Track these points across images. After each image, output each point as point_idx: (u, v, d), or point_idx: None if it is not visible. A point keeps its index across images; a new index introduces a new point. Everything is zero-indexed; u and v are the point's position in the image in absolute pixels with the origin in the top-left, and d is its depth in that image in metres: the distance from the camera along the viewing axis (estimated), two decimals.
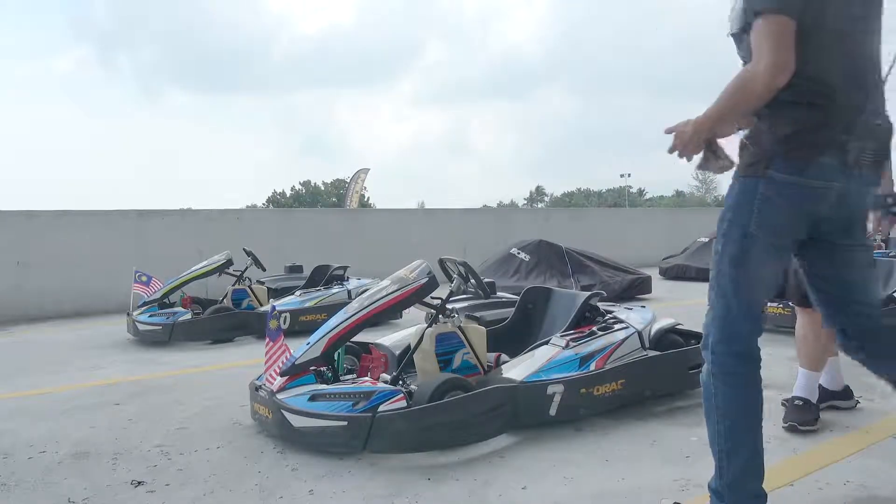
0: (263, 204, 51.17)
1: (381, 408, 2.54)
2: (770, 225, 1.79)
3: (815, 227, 1.86)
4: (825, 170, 1.76)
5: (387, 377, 2.94)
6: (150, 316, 5.34)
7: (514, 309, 3.69)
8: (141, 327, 5.28)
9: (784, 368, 3.97)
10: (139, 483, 2.40)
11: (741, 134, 1.90)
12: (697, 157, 1.84)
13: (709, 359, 1.87)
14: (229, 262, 5.95)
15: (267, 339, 2.92)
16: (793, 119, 1.75)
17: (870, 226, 2.30)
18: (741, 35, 1.83)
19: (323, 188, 53.38)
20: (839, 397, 3.05)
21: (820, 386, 2.96)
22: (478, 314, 3.55)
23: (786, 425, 2.81)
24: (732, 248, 1.83)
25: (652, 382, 3.18)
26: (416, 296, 2.99)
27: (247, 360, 4.48)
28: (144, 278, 5.58)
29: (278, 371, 2.85)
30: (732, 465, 1.84)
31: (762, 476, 1.87)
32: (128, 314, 5.49)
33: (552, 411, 2.84)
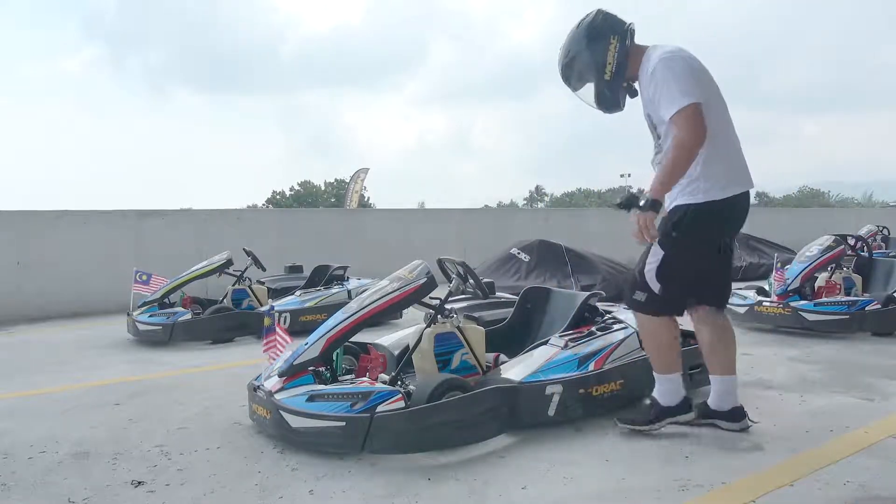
0: (263, 204, 51.05)
1: (379, 408, 2.54)
2: None
3: None
4: None
5: (385, 377, 2.94)
6: (150, 316, 5.33)
7: (512, 309, 3.69)
8: (141, 327, 5.28)
9: (784, 368, 3.98)
10: (139, 483, 2.40)
11: None
12: None
13: None
14: (229, 262, 5.94)
15: (264, 338, 2.94)
16: None
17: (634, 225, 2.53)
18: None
19: (323, 188, 53.26)
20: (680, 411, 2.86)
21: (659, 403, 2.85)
22: (476, 314, 3.54)
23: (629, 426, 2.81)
24: None
25: (651, 383, 3.17)
26: (414, 296, 2.99)
27: (247, 360, 4.48)
28: (144, 277, 5.58)
29: (280, 352, 2.86)
30: None
31: None
32: (128, 314, 5.48)
33: (551, 412, 2.84)
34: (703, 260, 2.73)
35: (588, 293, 3.43)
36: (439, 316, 3.03)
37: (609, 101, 2.79)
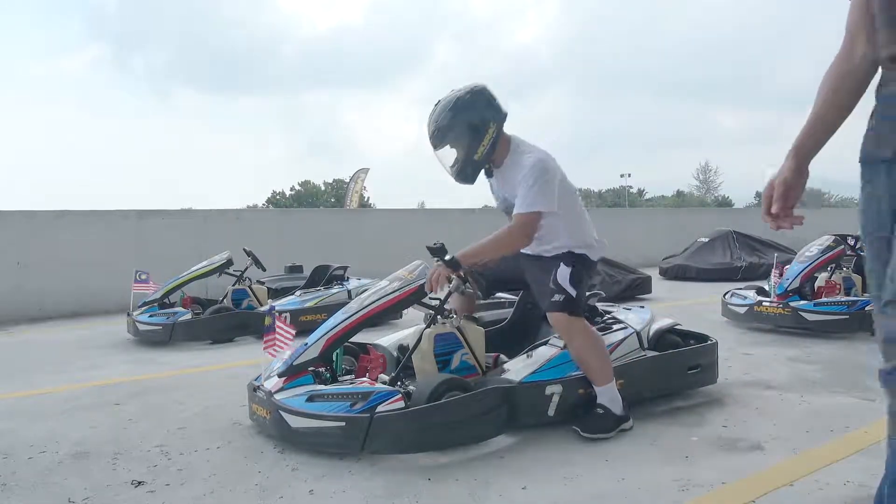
0: (263, 204, 51.12)
1: (379, 408, 2.54)
2: None
3: None
4: None
5: (385, 378, 2.94)
6: (150, 316, 5.34)
7: (512, 309, 3.69)
8: (141, 327, 5.28)
9: (784, 368, 3.98)
10: (139, 483, 2.40)
11: None
12: None
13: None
14: (229, 262, 5.94)
15: (264, 336, 2.94)
16: None
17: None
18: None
19: (323, 188, 53.34)
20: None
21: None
22: (476, 314, 3.55)
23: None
24: None
25: (651, 383, 3.18)
26: (414, 296, 2.99)
27: (247, 360, 4.48)
28: (143, 276, 5.58)
29: (282, 348, 2.87)
30: None
31: None
32: (128, 314, 5.49)
33: (551, 412, 2.84)
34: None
35: (588, 293, 3.43)
36: (439, 316, 3.03)
37: (468, 176, 3.00)
